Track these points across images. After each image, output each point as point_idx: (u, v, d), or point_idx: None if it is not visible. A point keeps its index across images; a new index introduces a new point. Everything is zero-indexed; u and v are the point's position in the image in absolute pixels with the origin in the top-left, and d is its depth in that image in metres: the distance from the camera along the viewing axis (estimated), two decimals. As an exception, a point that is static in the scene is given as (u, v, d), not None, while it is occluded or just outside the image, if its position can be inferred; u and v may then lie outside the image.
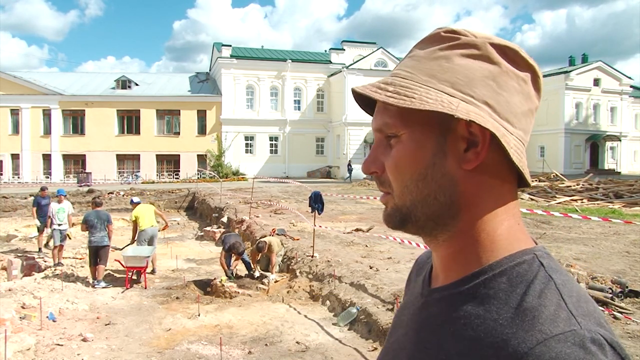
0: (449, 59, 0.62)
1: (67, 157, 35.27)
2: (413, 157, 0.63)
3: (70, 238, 10.72)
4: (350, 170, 32.94)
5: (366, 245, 9.68)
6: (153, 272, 9.44)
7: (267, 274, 8.44)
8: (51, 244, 10.88)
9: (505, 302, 0.58)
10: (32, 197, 20.35)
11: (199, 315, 6.84)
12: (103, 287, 8.47)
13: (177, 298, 7.81)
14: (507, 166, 0.63)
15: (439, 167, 0.62)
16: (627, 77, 43.01)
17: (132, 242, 9.91)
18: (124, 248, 9.72)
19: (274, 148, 37.90)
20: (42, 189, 12.54)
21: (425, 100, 0.59)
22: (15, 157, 34.26)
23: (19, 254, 11.08)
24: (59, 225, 10.35)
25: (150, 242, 9.75)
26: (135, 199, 10.58)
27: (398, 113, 0.63)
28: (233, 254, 8.74)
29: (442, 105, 0.59)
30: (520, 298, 0.58)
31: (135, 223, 9.74)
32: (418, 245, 7.96)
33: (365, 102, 0.70)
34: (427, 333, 0.66)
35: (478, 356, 0.57)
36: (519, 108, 0.62)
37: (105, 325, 6.55)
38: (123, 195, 21.84)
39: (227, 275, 8.73)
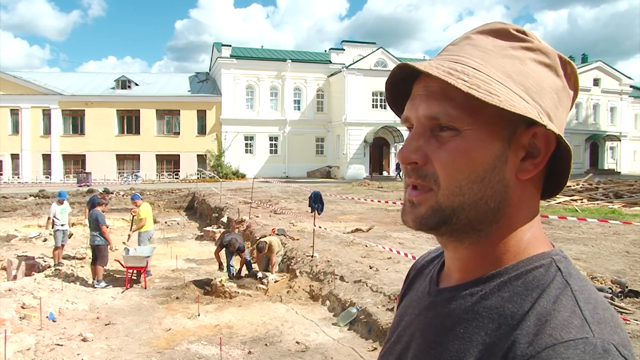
0: (523, 61, 0.59)
1: (67, 157, 35.22)
2: (475, 156, 0.59)
3: (71, 237, 10.82)
4: (398, 168, 31.55)
5: (366, 245, 9.68)
6: (148, 273, 9.40)
7: (267, 274, 8.44)
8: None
9: (520, 307, 0.57)
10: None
11: (198, 315, 6.84)
12: (103, 287, 8.47)
13: (177, 298, 7.81)
14: (543, 176, 0.63)
15: (498, 172, 0.59)
16: (626, 77, 43.05)
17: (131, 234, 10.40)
18: (128, 239, 9.90)
19: (273, 148, 37.88)
20: (105, 191, 12.71)
21: (512, 103, 0.56)
22: (15, 157, 34.21)
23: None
24: (62, 225, 10.38)
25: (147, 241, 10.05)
26: (138, 195, 10.80)
27: (466, 106, 0.58)
28: (232, 251, 8.73)
29: (530, 112, 0.56)
30: (534, 301, 0.56)
31: (142, 220, 10.08)
32: (405, 254, 7.94)
33: (400, 83, 0.66)
34: (434, 334, 0.64)
35: None
36: (564, 125, 0.64)
37: (105, 325, 6.56)
38: (123, 195, 21.82)
39: (220, 269, 8.80)
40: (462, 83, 0.56)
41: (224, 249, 8.75)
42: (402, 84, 0.66)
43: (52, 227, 10.50)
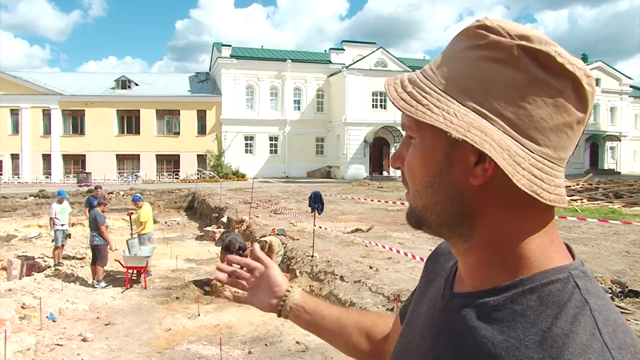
0: (472, 61, 0.57)
1: (67, 157, 35.23)
2: (422, 162, 0.60)
3: (70, 237, 10.79)
4: None
5: (366, 245, 9.67)
6: (148, 273, 9.39)
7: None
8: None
9: (533, 323, 0.54)
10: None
11: (198, 315, 6.84)
12: (103, 287, 8.47)
13: (177, 298, 7.81)
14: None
15: (445, 177, 0.59)
16: (626, 77, 43.09)
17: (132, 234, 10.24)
18: (129, 240, 9.76)
19: (273, 148, 37.89)
20: (97, 188, 12.53)
21: (430, 110, 0.56)
22: (15, 157, 34.22)
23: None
24: (62, 225, 10.37)
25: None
26: (140, 197, 10.66)
27: None
28: (232, 251, 8.72)
29: (444, 118, 0.55)
30: (550, 321, 0.53)
31: (142, 223, 10.05)
32: (405, 254, 7.92)
33: None
34: (444, 340, 0.63)
35: None
36: (547, 123, 0.55)
37: (105, 325, 6.56)
38: (123, 195, 21.84)
39: None
40: (398, 94, 0.59)
41: (227, 252, 8.72)
42: None
43: (53, 227, 10.50)
